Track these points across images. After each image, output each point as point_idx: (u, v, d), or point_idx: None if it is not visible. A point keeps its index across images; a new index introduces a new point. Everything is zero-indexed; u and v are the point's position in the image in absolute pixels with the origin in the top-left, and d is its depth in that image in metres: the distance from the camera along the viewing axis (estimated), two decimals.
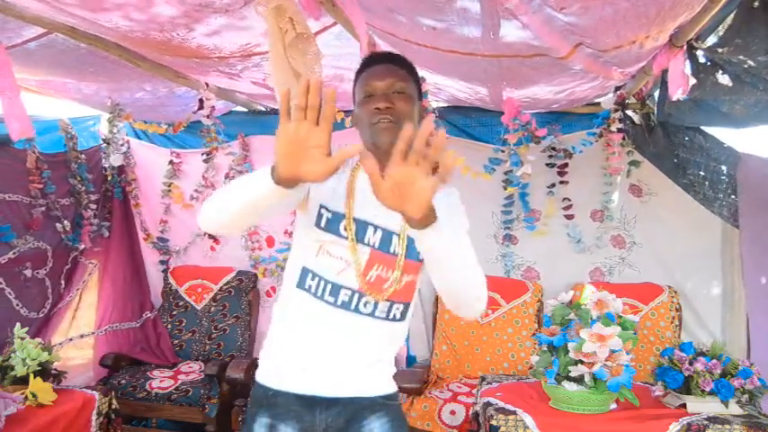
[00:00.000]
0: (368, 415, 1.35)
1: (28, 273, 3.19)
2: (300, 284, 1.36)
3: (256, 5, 1.65)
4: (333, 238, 1.34)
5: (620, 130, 3.09)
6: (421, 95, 1.47)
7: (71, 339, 3.41)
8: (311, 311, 1.35)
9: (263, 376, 1.40)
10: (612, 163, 3.18)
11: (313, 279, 1.35)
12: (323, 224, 1.35)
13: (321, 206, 1.36)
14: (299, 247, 1.41)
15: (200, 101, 3.29)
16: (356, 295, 1.33)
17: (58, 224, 3.39)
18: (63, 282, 3.46)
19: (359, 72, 1.43)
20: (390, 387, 1.42)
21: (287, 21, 1.60)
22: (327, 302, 1.33)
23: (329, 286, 1.33)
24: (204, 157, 3.74)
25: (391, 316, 1.37)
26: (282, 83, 1.69)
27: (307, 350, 1.35)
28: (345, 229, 1.33)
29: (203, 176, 3.83)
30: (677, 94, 2.28)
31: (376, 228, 1.34)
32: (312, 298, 1.34)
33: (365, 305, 1.34)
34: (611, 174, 3.24)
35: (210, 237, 3.86)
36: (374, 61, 1.42)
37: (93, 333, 3.53)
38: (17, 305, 3.10)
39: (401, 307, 1.38)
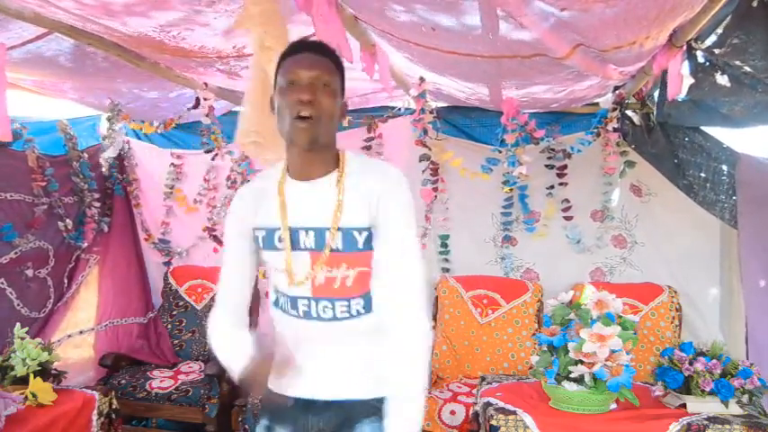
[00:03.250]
0: (361, 418, 1.34)
1: (29, 272, 3.19)
2: (275, 303, 1.43)
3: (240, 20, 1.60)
4: (272, 253, 1.36)
5: (615, 130, 3.09)
6: (344, 92, 1.36)
7: (69, 336, 3.39)
8: (286, 326, 1.41)
9: (270, 379, 1.44)
10: (609, 162, 3.18)
11: (281, 297, 1.40)
12: (261, 243, 1.38)
13: (254, 229, 1.39)
14: None
15: (197, 99, 3.27)
16: (313, 302, 1.34)
17: (60, 223, 3.38)
18: (66, 281, 3.46)
19: (284, 56, 1.34)
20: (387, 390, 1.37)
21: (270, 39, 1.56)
22: (292, 315, 1.37)
23: (289, 301, 1.37)
24: (210, 156, 3.65)
25: (354, 312, 1.34)
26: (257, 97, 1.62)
27: (295, 358, 1.39)
28: (280, 240, 1.34)
29: (204, 179, 3.81)
30: (674, 94, 2.28)
31: (307, 230, 1.32)
32: (283, 314, 1.40)
33: (324, 310, 1.33)
34: (607, 173, 3.24)
35: (214, 239, 3.84)
36: (303, 48, 1.33)
37: (92, 329, 3.52)
38: (18, 305, 3.10)
39: (360, 301, 1.34)
